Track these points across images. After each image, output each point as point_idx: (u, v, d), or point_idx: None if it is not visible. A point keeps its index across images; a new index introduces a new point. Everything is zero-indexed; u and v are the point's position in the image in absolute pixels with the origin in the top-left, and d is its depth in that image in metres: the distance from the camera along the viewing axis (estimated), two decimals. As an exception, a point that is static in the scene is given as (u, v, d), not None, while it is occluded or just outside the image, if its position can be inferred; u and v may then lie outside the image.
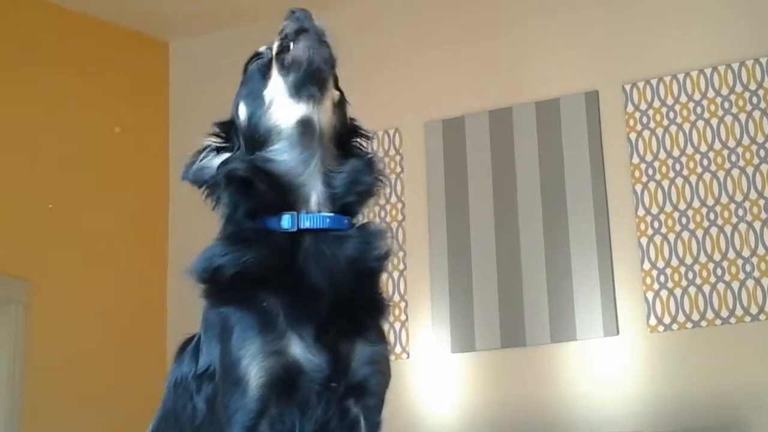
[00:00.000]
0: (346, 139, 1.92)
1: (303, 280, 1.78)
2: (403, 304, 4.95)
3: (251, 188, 1.82)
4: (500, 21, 5.13)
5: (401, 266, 5.00)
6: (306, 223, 1.81)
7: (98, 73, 5.41)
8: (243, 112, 1.89)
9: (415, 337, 4.89)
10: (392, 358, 4.74)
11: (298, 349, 1.76)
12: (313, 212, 1.82)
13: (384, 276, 1.91)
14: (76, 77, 5.28)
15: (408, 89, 5.22)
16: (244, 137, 1.88)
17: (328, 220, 1.82)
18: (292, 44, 1.85)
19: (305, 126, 1.84)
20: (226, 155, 1.89)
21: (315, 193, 1.83)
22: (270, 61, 1.89)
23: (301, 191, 1.83)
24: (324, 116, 1.85)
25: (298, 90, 1.84)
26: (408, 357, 4.88)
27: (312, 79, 1.84)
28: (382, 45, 5.32)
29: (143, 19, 5.54)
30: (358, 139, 1.96)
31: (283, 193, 1.82)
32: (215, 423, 1.79)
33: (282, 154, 1.83)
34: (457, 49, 5.17)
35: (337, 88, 1.93)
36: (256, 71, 1.90)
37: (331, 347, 1.77)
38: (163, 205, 5.49)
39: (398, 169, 5.13)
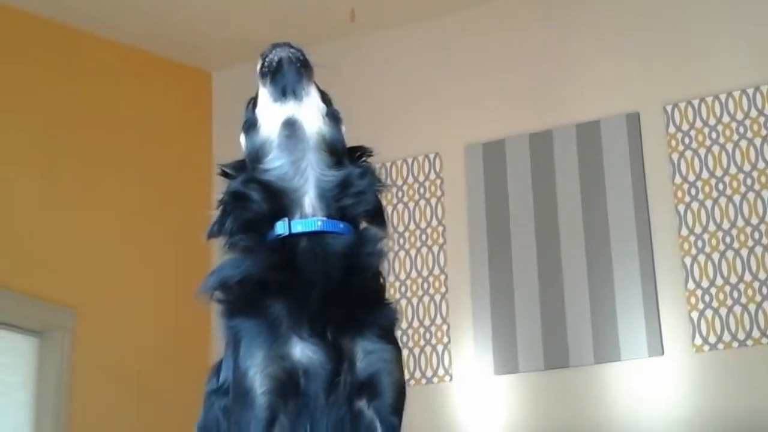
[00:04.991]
0: (343, 157, 1.98)
1: (299, 277, 1.85)
2: (445, 327, 4.95)
3: (247, 201, 1.92)
4: (540, 43, 5.14)
5: (443, 289, 5.01)
6: (298, 227, 1.88)
7: (143, 104, 5.50)
8: (243, 140, 2.03)
9: (457, 359, 4.89)
10: (435, 381, 4.80)
11: (297, 349, 1.80)
12: (307, 216, 1.89)
13: (383, 275, 1.96)
14: (121, 108, 5.37)
15: (447, 113, 5.24)
16: (248, 160, 1.99)
17: (320, 223, 1.89)
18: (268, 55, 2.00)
19: (290, 127, 1.94)
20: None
21: (308, 197, 1.91)
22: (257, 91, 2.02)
23: (295, 195, 1.91)
24: (307, 117, 1.95)
25: (275, 87, 1.96)
26: (451, 380, 4.88)
27: (285, 73, 1.96)
28: (421, 69, 5.36)
29: (187, 51, 5.64)
30: (363, 157, 2.04)
31: (277, 199, 1.91)
32: None
33: (275, 162, 1.93)
34: (497, 72, 5.19)
35: (327, 104, 2.02)
36: (250, 104, 2.05)
37: (332, 342, 1.81)
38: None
39: (438, 193, 5.15)
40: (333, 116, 2.00)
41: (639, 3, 4.99)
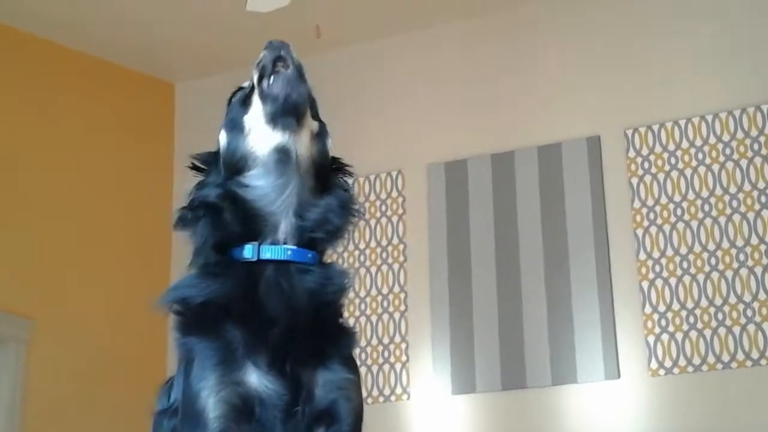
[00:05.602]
0: (326, 172, 1.93)
1: (260, 309, 1.80)
2: (404, 346, 4.95)
3: (221, 216, 1.84)
4: (503, 65, 5.17)
5: (402, 307, 5.01)
6: (267, 254, 1.82)
7: (106, 114, 5.46)
8: (223, 138, 1.92)
9: (415, 378, 4.89)
10: (392, 399, 4.79)
11: (253, 377, 1.76)
12: (278, 243, 1.84)
13: (344, 306, 1.91)
14: (84, 117, 5.33)
15: (411, 132, 5.26)
16: (224, 162, 1.90)
17: (289, 252, 1.83)
18: (272, 77, 1.90)
19: (282, 153, 1.86)
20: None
21: (284, 223, 1.85)
22: (251, 90, 1.92)
23: (271, 219, 1.84)
24: (301, 146, 1.88)
25: (275, 119, 1.87)
26: (409, 398, 4.87)
27: (289, 113, 1.87)
28: (385, 87, 5.37)
29: (150, 61, 5.61)
30: (341, 175, 1.98)
31: (251, 221, 1.84)
32: None
33: (258, 180, 1.85)
34: (461, 93, 5.21)
35: (317, 118, 1.96)
36: (238, 100, 1.94)
37: (290, 374, 1.77)
38: (166, 245, 5.50)
39: (400, 211, 5.15)
40: (322, 132, 1.94)
41: (601, 29, 5.04)
